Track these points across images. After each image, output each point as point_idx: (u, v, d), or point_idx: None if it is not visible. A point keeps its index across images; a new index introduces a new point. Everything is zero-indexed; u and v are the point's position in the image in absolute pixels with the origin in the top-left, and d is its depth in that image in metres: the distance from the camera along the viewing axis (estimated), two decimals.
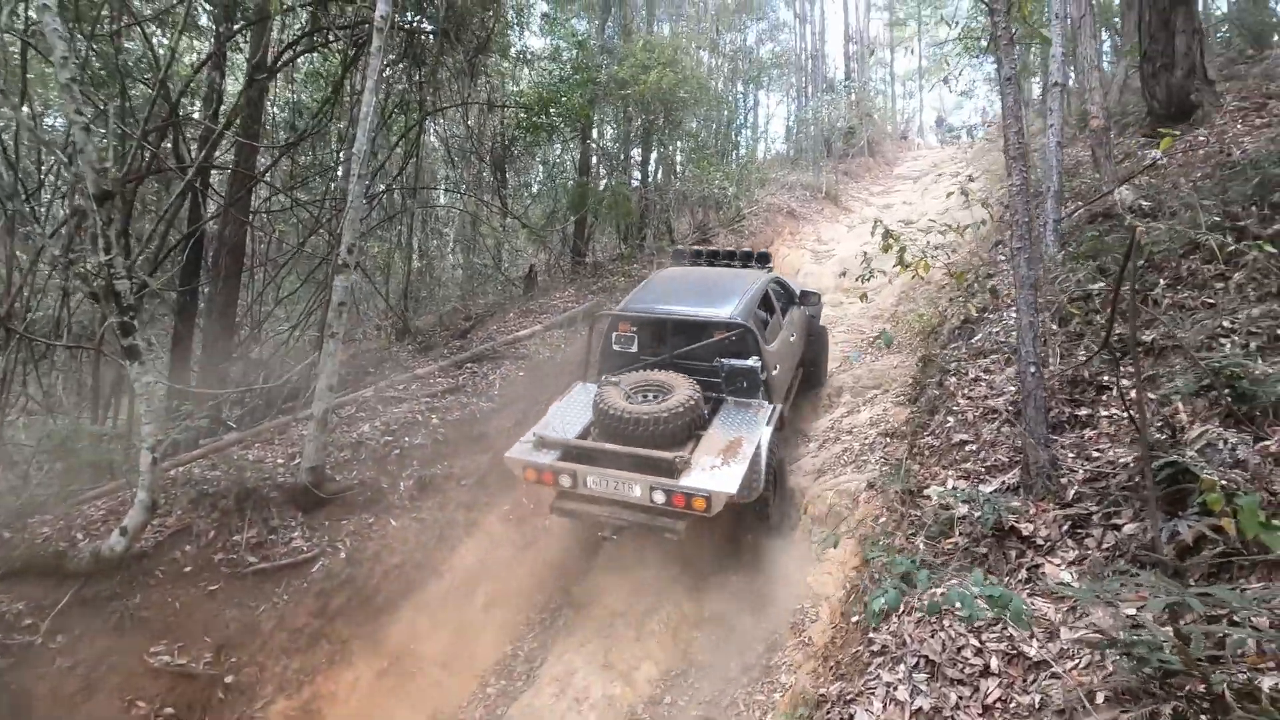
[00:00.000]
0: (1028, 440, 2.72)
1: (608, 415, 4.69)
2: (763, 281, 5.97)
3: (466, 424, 6.48)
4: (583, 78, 10.62)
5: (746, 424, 4.89)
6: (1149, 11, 7.52)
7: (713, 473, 4.34)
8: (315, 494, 5.03)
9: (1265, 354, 2.71)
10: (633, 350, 5.63)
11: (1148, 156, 7.13)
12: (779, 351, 5.72)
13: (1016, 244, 2.83)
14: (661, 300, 5.74)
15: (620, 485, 4.52)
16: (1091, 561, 2.29)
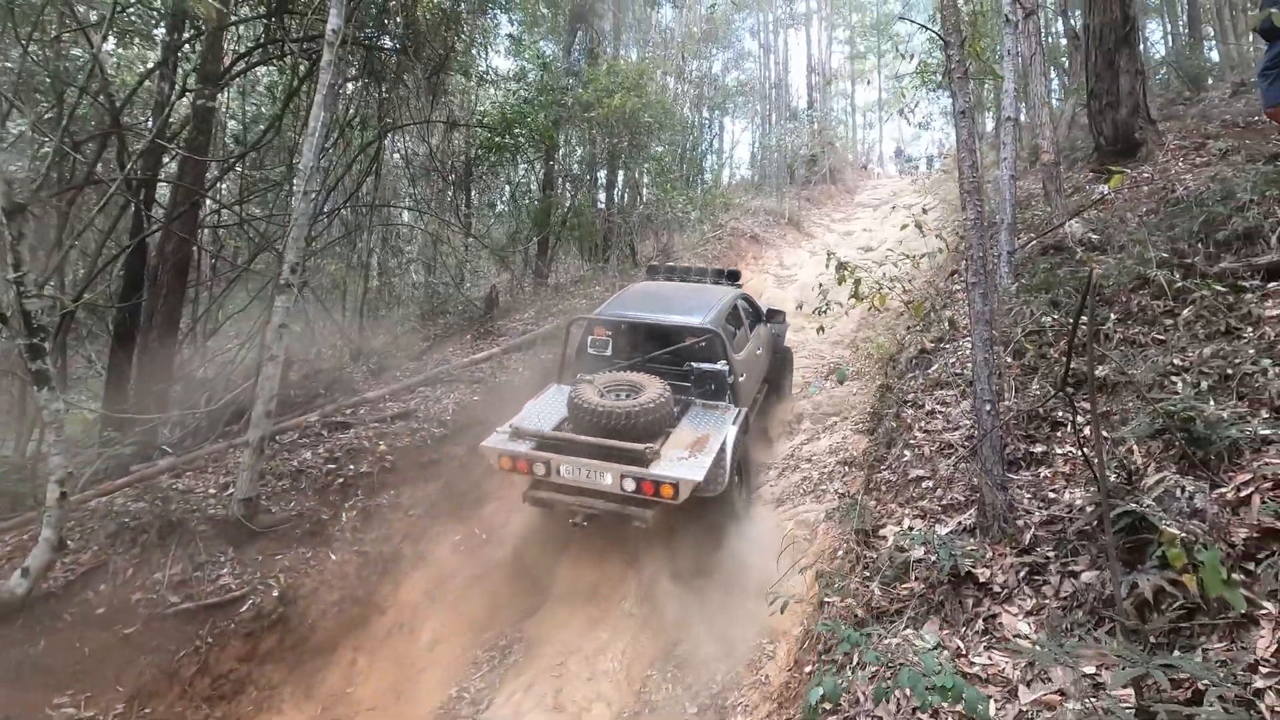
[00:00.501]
0: (984, 481, 2.62)
1: (581, 409, 4.88)
2: (731, 296, 6.24)
3: (416, 451, 6.21)
4: (547, 99, 10.53)
5: (713, 423, 5.13)
6: (1095, 52, 7.74)
7: (680, 463, 4.57)
8: (248, 527, 4.72)
9: (1216, 394, 2.67)
10: (607, 354, 5.89)
11: (1096, 191, 7.28)
12: (745, 361, 5.97)
13: (971, 278, 2.75)
14: (635, 308, 6.01)
15: (592, 473, 4.72)
16: (1049, 612, 2.17)
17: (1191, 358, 2.95)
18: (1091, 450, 2.55)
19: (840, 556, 3.68)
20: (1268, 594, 1.78)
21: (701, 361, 5.53)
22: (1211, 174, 5.77)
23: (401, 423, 6.53)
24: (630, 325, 5.84)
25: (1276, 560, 1.79)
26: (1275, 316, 2.89)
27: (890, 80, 24.51)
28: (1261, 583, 1.81)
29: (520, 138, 11.22)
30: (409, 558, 5.56)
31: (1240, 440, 2.25)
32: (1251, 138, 7.01)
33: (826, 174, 20.90)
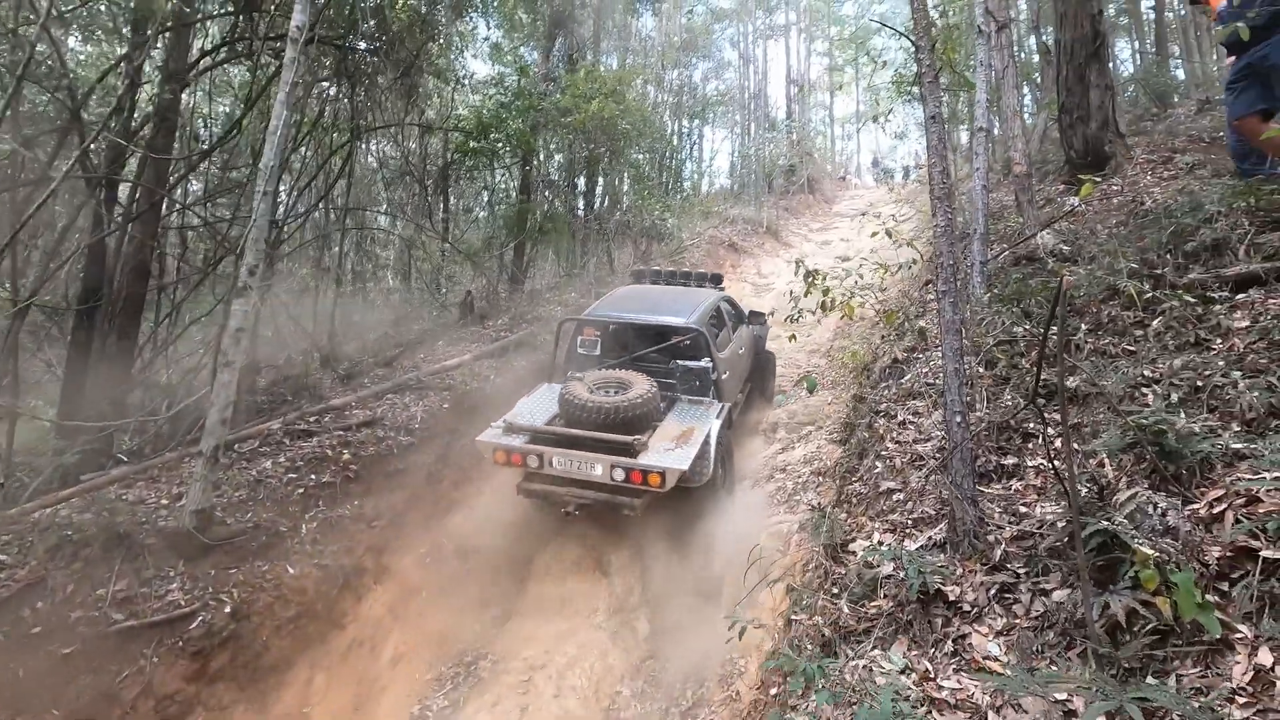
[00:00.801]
0: (954, 496, 2.55)
1: (572, 405, 5.14)
2: (715, 298, 6.57)
3: (382, 460, 6.04)
4: (525, 104, 10.42)
5: (698, 417, 5.43)
6: (1066, 67, 7.81)
7: (667, 454, 4.86)
8: (200, 539, 4.51)
9: (1186, 407, 2.62)
10: (596, 353, 6.22)
11: (1067, 203, 7.33)
12: (728, 359, 6.27)
13: (942, 286, 2.68)
14: (622, 309, 6.25)
15: (583, 465, 4.95)
16: (1020, 633, 2.09)
17: (1162, 369, 2.90)
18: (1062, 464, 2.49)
19: (810, 571, 3.59)
20: (1243, 617, 1.71)
21: (686, 359, 5.84)
22: (1179, 187, 5.82)
23: (367, 431, 6.34)
24: (618, 325, 6.19)
25: (1251, 581, 1.73)
26: (1244, 328, 2.85)
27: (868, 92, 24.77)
28: (1236, 605, 1.74)
29: (497, 143, 11.09)
30: (372, 571, 5.38)
31: (1212, 454, 2.20)
32: (1216, 153, 7.10)
33: (805, 184, 21.01)
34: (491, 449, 5.17)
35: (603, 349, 6.24)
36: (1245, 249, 3.29)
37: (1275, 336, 2.65)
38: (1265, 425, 2.30)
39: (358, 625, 5.03)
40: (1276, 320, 2.73)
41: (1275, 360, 2.54)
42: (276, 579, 4.70)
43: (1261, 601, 1.70)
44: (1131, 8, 14.18)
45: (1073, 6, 7.64)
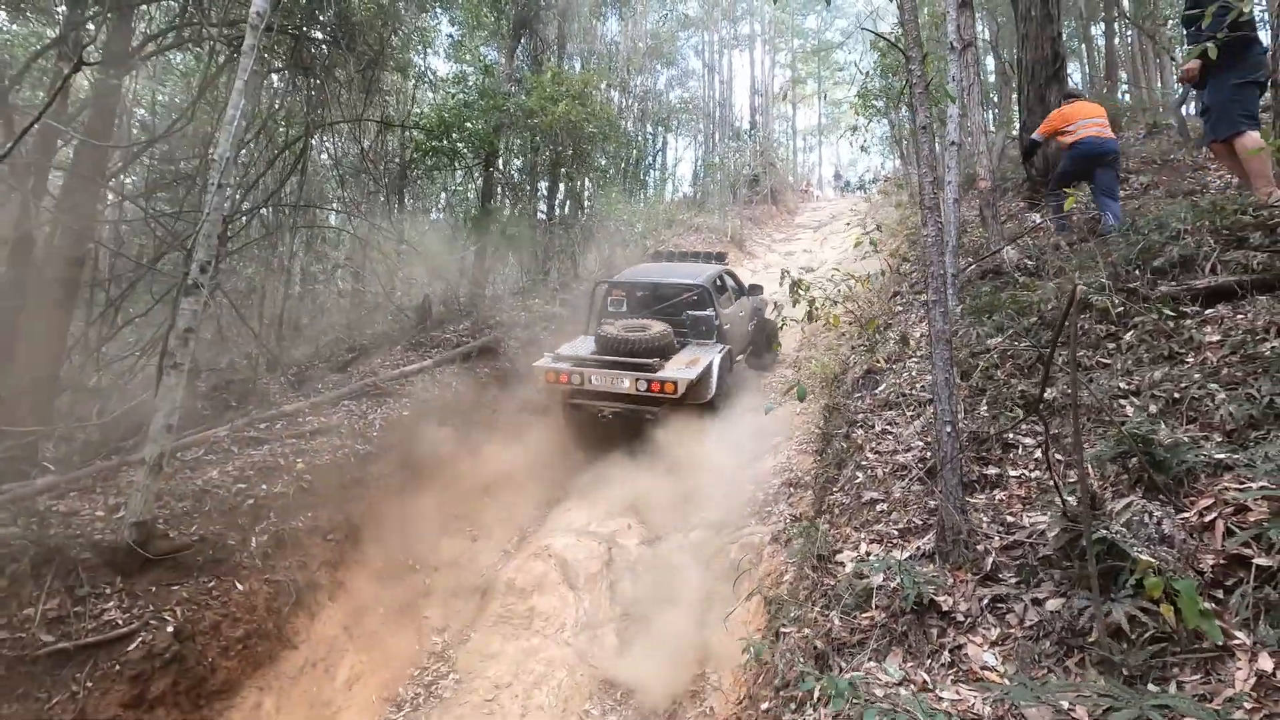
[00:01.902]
0: (944, 506, 2.58)
1: (607, 339, 6.97)
2: (717, 269, 8.48)
3: (338, 469, 5.84)
4: (488, 104, 10.31)
5: (704, 352, 7.13)
6: (1028, 87, 8.14)
7: (679, 370, 6.58)
8: (140, 554, 4.25)
9: (1165, 418, 2.72)
10: (623, 310, 8.03)
11: (1029, 219, 7.62)
12: (730, 315, 8.04)
13: (932, 296, 2.73)
14: (646, 273, 8.42)
15: (615, 380, 6.64)
16: (1016, 643, 2.12)
17: (1139, 381, 3.01)
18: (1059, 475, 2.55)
19: (792, 582, 3.59)
20: (1240, 623, 1.77)
21: (695, 310, 7.56)
22: (1135, 206, 6.11)
23: (322, 439, 6.13)
24: (639, 286, 8.06)
25: (1246, 589, 1.79)
26: (1215, 342, 2.98)
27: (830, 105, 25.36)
28: (1232, 612, 1.80)
29: (459, 143, 10.94)
30: (326, 587, 5.19)
31: (1196, 465, 2.28)
32: (1168, 174, 7.49)
33: (768, 194, 21.36)
34: (544, 372, 6.93)
35: (628, 307, 8.01)
36: (1212, 265, 3.45)
37: (1247, 350, 2.78)
38: (1245, 436, 2.41)
39: (311, 645, 4.83)
40: (1247, 334, 2.86)
41: (1250, 373, 2.66)
42: (224, 596, 4.47)
43: (1257, 608, 1.77)
44: (1083, 33, 14.90)
45: (1034, 29, 7.98)
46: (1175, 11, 11.32)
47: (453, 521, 6.59)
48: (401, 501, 6.25)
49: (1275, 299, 3.04)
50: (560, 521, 6.46)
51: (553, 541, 6.00)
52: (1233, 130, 4.29)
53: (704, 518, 6.25)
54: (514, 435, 8.12)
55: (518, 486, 7.41)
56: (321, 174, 10.70)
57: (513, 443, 8.07)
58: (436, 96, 11.61)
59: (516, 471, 7.59)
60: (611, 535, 6.15)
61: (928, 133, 2.84)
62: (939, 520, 2.69)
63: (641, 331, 6.97)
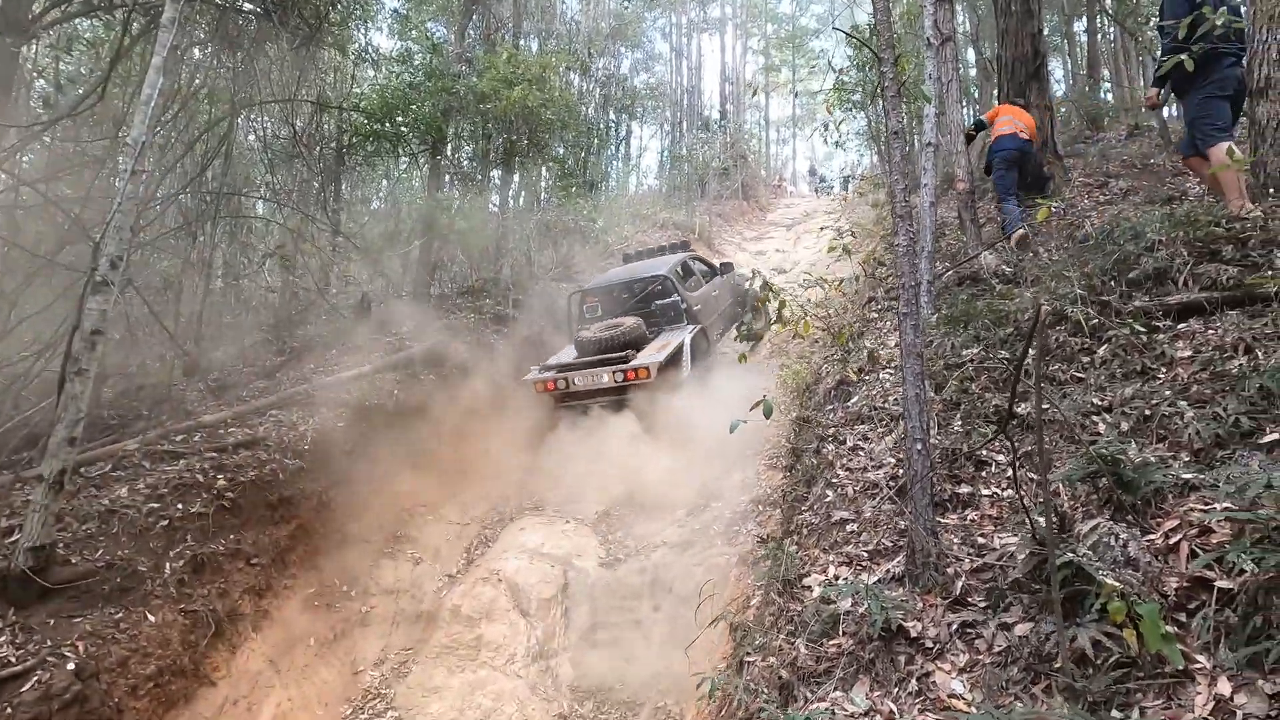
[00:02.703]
0: (914, 527, 2.69)
1: (585, 342, 8.24)
2: (681, 256, 9.89)
3: (265, 487, 5.75)
4: (436, 86, 10.26)
5: (675, 335, 8.30)
6: (1007, 85, 8.46)
7: (649, 356, 7.74)
8: (38, 583, 4.13)
9: (1136, 436, 2.88)
10: (599, 315, 9.19)
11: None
12: (700, 296, 9.32)
13: (904, 308, 2.84)
14: (613, 276, 9.82)
15: (595, 377, 7.86)
16: (984, 669, 2.23)
17: (1111, 397, 3.18)
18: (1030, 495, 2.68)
19: (758, 608, 3.68)
20: (1201, 647, 1.90)
21: (662, 300, 8.77)
22: (1115, 212, 6.40)
23: (246, 452, 6.02)
24: (609, 288, 9.42)
25: (1208, 612, 1.92)
26: (1186, 358, 3.17)
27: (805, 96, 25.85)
28: (1194, 635, 1.93)
29: (403, 127, 10.86)
30: (250, 616, 5.11)
31: (1164, 485, 2.43)
32: (1148, 179, 7.87)
33: (739, 189, 21.64)
34: (534, 383, 8.20)
35: (603, 310, 9.17)
36: (1185, 279, 3.66)
37: (1216, 368, 2.97)
38: (1212, 456, 2.57)
39: (232, 681, 4.75)
40: (1217, 351, 3.06)
41: (1218, 391, 2.84)
42: (133, 628, 4.37)
43: (1218, 632, 1.90)
44: (1066, 29, 15.51)
45: (1014, 25, 8.31)
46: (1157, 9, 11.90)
47: (393, 543, 6.54)
48: (336, 521, 6.19)
49: (1244, 315, 3.25)
50: (512, 542, 6.46)
51: (503, 564, 6.00)
52: (1203, 145, 4.57)
53: (667, 537, 6.32)
54: (462, 449, 8.08)
55: (466, 504, 7.39)
56: (248, 158, 10.48)
57: (459, 455, 8.04)
58: (379, 76, 11.49)
59: (465, 488, 7.56)
60: (568, 557, 6.18)
61: (900, 137, 2.96)
62: (909, 542, 2.80)
63: (615, 329, 8.16)
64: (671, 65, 23.28)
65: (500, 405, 8.46)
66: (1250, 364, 2.87)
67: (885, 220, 11.35)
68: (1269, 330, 3.07)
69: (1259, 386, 2.67)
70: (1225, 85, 4.55)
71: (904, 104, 3.12)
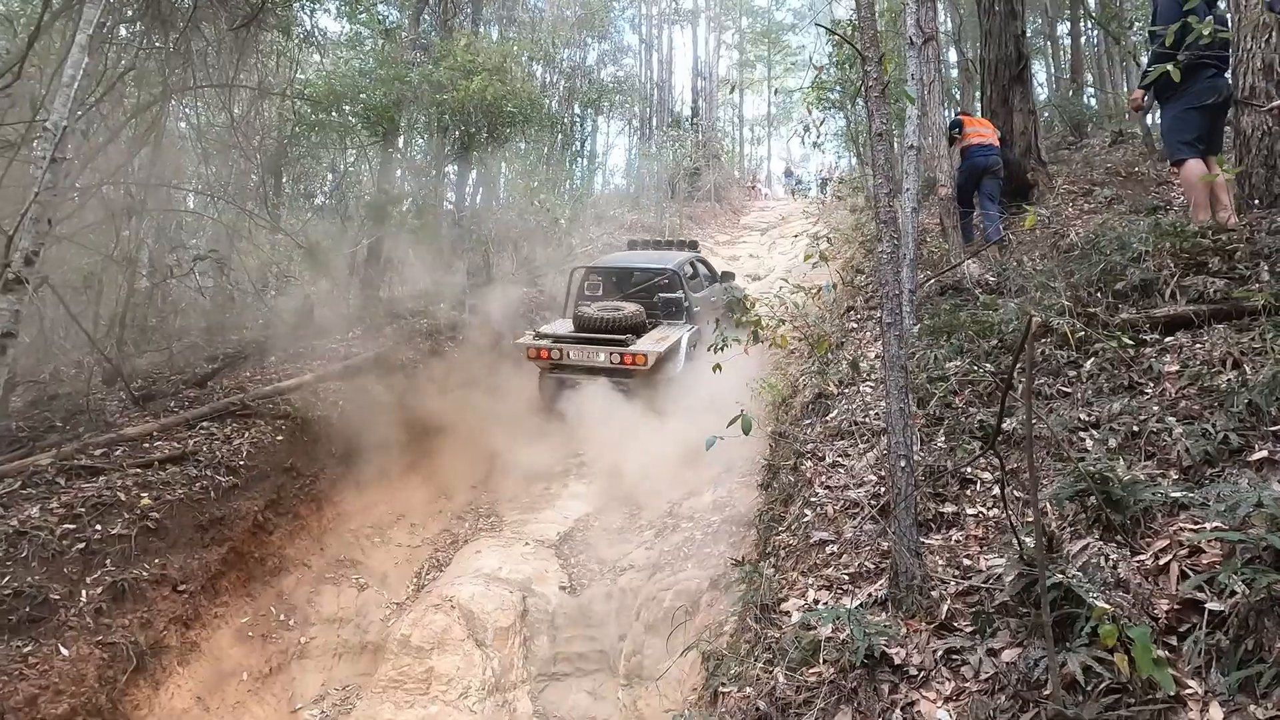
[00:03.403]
0: (897, 548, 2.73)
1: (585, 318, 8.70)
2: (688, 255, 10.61)
3: (194, 506, 5.62)
4: (388, 74, 10.20)
5: (674, 330, 8.94)
6: (990, 87, 8.71)
7: (649, 344, 8.34)
8: None
9: (1125, 452, 2.97)
10: (599, 294, 9.74)
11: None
12: (700, 299, 9.87)
13: (886, 319, 2.89)
14: (620, 259, 10.67)
15: (591, 354, 8.35)
16: (970, 698, 2.27)
17: (1098, 413, 3.27)
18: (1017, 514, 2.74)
19: (732, 635, 3.69)
20: (1193, 672, 1.96)
21: (665, 293, 9.37)
22: (1100, 221, 6.61)
23: (175, 468, 5.88)
24: (614, 270, 10.08)
25: (1199, 635, 1.99)
26: (1174, 372, 3.29)
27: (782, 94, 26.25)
28: (1185, 659, 2.00)
29: (351, 116, 10.76)
30: (176, 649, 4.98)
31: (1153, 504, 2.51)
32: (1132, 188, 8.15)
33: (711, 191, 21.83)
34: (526, 348, 8.60)
35: (604, 291, 9.75)
36: (1172, 291, 3.80)
37: (1204, 383, 3.08)
38: (1201, 473, 2.67)
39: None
40: (1205, 365, 3.17)
41: (1206, 407, 2.95)
42: (44, 663, 4.23)
43: (1209, 656, 1.97)
44: (1049, 31, 16.02)
45: (997, 25, 8.56)
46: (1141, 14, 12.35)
47: (336, 567, 6.44)
48: (273, 544, 6.08)
49: (1232, 329, 3.38)
50: (467, 566, 6.40)
51: (457, 590, 5.94)
52: (1174, 157, 4.76)
53: (634, 559, 6.32)
54: (412, 464, 7.99)
55: (416, 525, 7.31)
56: (180, 147, 10.27)
57: (410, 472, 7.95)
58: (325, 61, 11.37)
59: (415, 507, 7.48)
60: (527, 582, 6.15)
61: (884, 140, 3.02)
62: (892, 564, 2.84)
63: (616, 311, 8.69)
64: (641, 58, 23.47)
65: (456, 417, 8.39)
66: (1239, 379, 2.99)
67: (864, 225, 11.56)
68: (1257, 345, 3.19)
69: (1248, 402, 2.78)
70: (1203, 96, 4.73)
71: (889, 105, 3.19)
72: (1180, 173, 4.83)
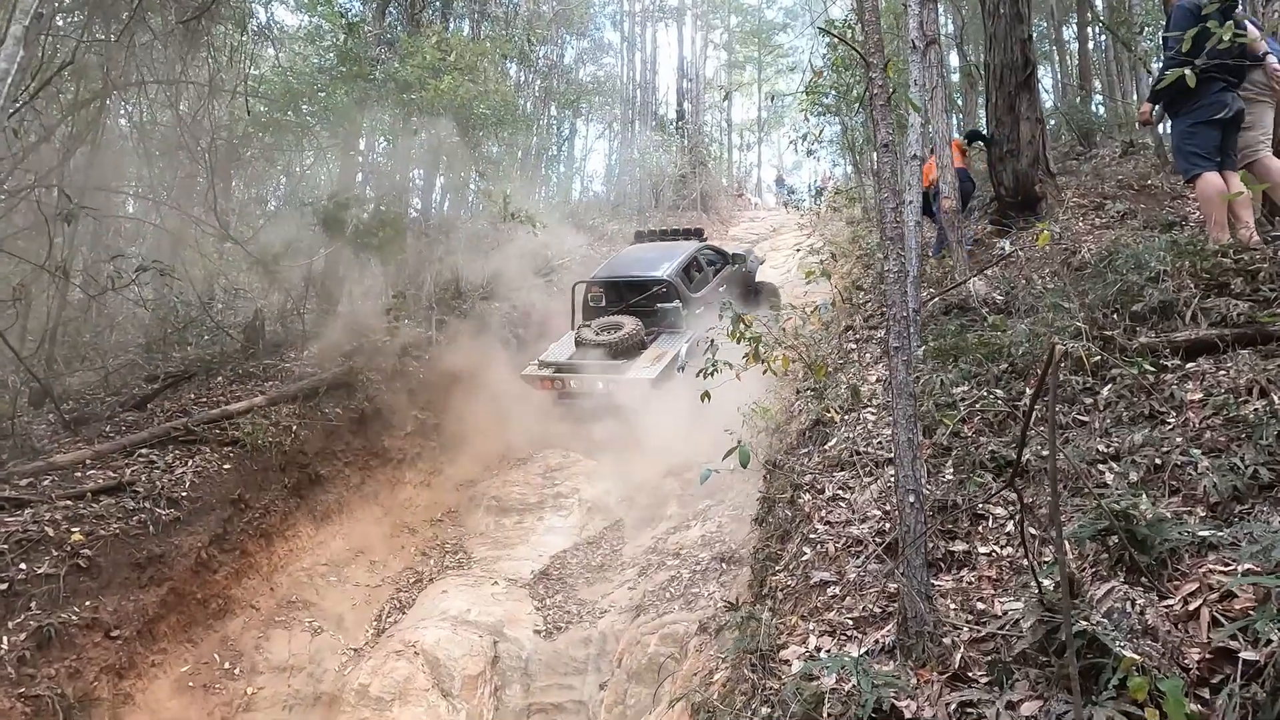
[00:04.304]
0: (906, 590, 2.73)
1: (584, 343, 9.83)
2: (692, 249, 11.35)
3: (131, 542, 5.53)
4: (350, 71, 10.21)
5: (671, 343, 9.60)
6: (996, 94, 8.85)
7: (643, 369, 9.11)
8: None
9: (1147, 488, 2.99)
10: (603, 304, 10.86)
11: (997, 245, 8.23)
12: (706, 296, 10.79)
13: (894, 341, 2.91)
14: (618, 269, 11.33)
15: (590, 383, 9.43)
16: None
17: (1118, 444, 3.30)
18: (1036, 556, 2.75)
19: (725, 684, 3.66)
20: None
21: (663, 303, 10.09)
22: (1113, 237, 6.72)
23: (109, 500, 5.79)
24: (613, 283, 10.89)
25: (1234, 687, 1.99)
26: (1197, 401, 3.32)
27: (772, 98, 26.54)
28: (1219, 714, 2.00)
29: (309, 116, 10.74)
30: (108, 702, 4.89)
31: (1180, 544, 2.52)
32: (1146, 201, 8.30)
33: (698, 199, 21.96)
34: (532, 379, 9.75)
35: (607, 301, 10.80)
36: (1193, 314, 3.86)
37: (1229, 412, 3.12)
38: (1230, 511, 2.69)
39: None
40: (1230, 394, 3.21)
41: (1234, 439, 2.98)
42: None
43: (1244, 709, 1.96)
44: (1055, 35, 16.36)
45: (1002, 29, 8.72)
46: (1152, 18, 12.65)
47: (287, 610, 6.34)
48: (218, 584, 5.99)
49: (1257, 354, 3.43)
50: (433, 607, 6.33)
51: (421, 635, 5.87)
52: (1189, 172, 4.86)
53: (615, 600, 6.28)
54: (372, 495, 7.91)
55: (376, 562, 7.23)
56: (121, 147, 10.19)
57: (370, 504, 7.88)
58: (282, 57, 11.34)
59: (375, 542, 7.40)
60: (498, 625, 6.09)
61: (890, 150, 3.05)
62: (900, 608, 2.83)
63: (613, 332, 9.71)
64: (623, 58, 23.69)
65: (421, 444, 8.32)
66: (1267, 409, 3.02)
67: (862, 239, 11.68)
68: None
69: (1277, 434, 2.81)
70: (1213, 110, 4.82)
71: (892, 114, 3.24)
72: (1196, 188, 4.92)
